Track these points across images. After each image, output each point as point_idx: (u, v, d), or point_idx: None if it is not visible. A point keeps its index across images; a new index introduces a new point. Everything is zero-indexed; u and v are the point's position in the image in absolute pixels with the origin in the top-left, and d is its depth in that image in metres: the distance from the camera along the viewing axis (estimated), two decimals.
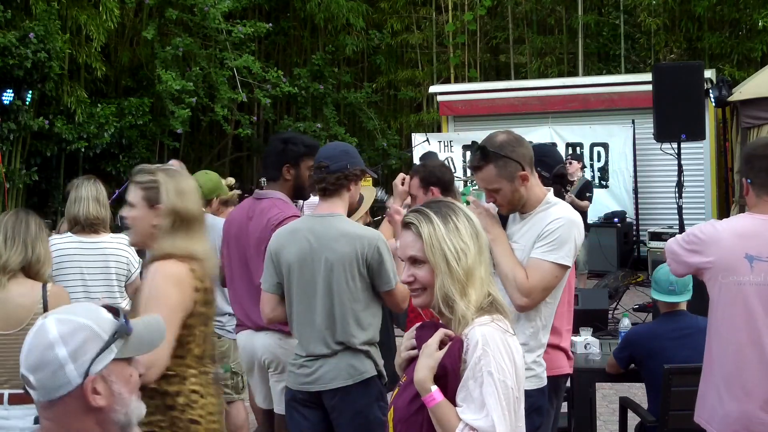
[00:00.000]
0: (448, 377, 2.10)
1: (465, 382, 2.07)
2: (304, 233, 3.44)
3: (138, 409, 1.70)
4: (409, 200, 4.26)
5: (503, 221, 3.22)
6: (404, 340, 2.29)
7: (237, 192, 5.56)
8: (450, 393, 2.09)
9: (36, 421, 1.74)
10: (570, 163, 10.78)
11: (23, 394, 3.24)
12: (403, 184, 4.23)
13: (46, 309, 3.39)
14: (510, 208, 3.15)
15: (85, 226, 4.47)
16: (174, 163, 9.90)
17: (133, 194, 2.87)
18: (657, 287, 4.22)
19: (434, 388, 2.08)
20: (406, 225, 2.21)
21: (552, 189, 3.22)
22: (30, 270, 3.53)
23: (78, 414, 1.60)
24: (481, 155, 3.06)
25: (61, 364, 1.58)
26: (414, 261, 2.17)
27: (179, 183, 2.89)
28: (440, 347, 2.12)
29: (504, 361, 2.06)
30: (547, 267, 3.00)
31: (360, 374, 3.42)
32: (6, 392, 3.35)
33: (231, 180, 5.55)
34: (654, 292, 4.25)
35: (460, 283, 2.11)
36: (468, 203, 3.26)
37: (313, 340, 3.42)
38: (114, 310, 1.72)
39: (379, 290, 3.44)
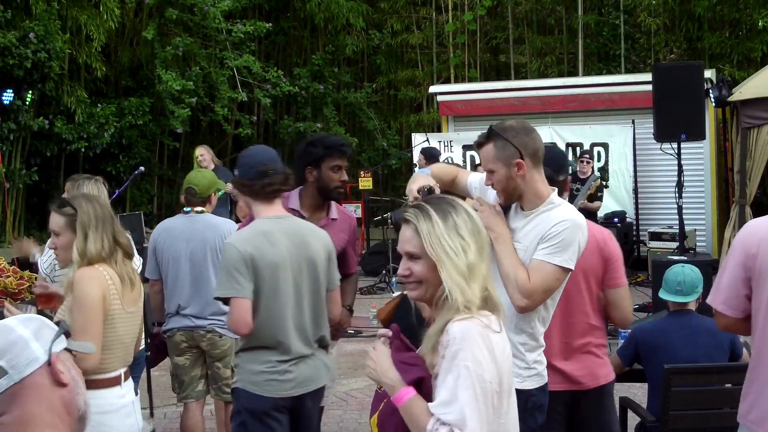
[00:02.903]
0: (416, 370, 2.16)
1: (444, 377, 2.08)
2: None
3: (88, 402, 1.73)
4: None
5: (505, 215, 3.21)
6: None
7: None
8: (425, 389, 2.13)
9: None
10: (585, 161, 10.93)
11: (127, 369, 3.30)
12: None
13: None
14: (506, 197, 3.11)
15: None
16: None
17: None
18: (665, 287, 4.25)
19: (404, 384, 2.13)
20: (406, 221, 2.23)
21: (556, 189, 3.19)
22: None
23: (48, 387, 1.63)
24: (487, 133, 3.10)
25: (27, 342, 1.63)
26: (411, 256, 2.21)
27: None
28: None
29: (482, 355, 2.06)
30: (550, 269, 2.96)
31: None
32: (122, 371, 3.29)
33: None
34: (662, 292, 4.27)
35: (463, 276, 2.14)
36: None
37: (299, 341, 3.41)
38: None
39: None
